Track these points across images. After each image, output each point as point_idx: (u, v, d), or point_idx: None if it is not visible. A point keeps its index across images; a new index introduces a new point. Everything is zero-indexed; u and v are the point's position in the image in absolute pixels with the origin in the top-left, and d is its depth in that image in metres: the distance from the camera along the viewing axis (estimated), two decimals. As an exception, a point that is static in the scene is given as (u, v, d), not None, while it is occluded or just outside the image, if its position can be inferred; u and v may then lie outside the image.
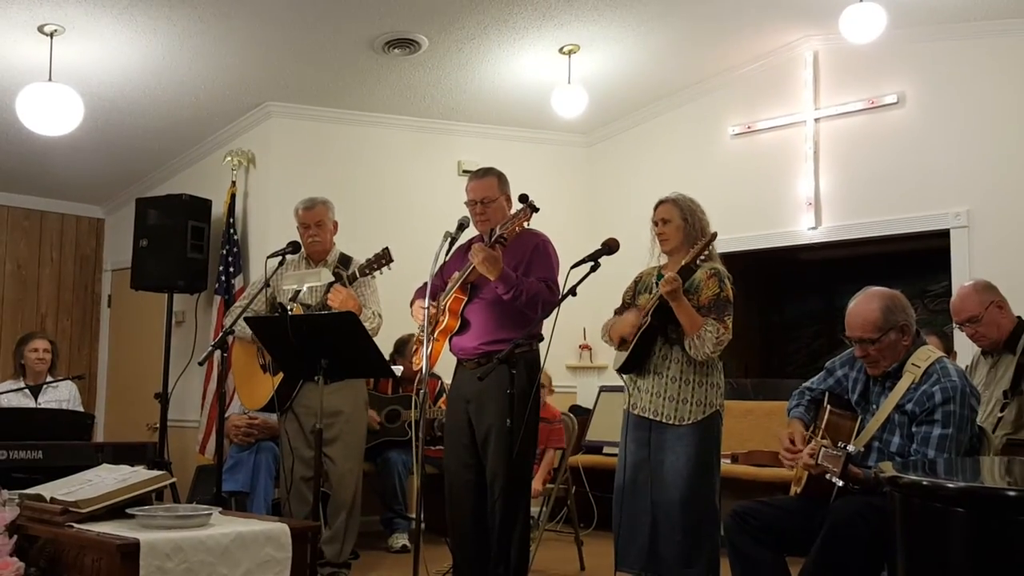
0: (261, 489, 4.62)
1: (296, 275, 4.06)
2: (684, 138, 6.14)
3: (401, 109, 6.07)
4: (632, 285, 3.68)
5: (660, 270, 3.59)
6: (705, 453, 3.37)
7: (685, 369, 3.40)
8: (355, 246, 4.46)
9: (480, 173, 3.75)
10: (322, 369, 3.41)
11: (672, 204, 3.52)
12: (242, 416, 4.77)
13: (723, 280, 3.40)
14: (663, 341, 3.44)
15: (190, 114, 5.86)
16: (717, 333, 3.29)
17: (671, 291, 3.25)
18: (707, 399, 3.39)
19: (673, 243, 3.50)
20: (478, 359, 3.60)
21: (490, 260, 3.43)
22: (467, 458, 3.62)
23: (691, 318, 3.30)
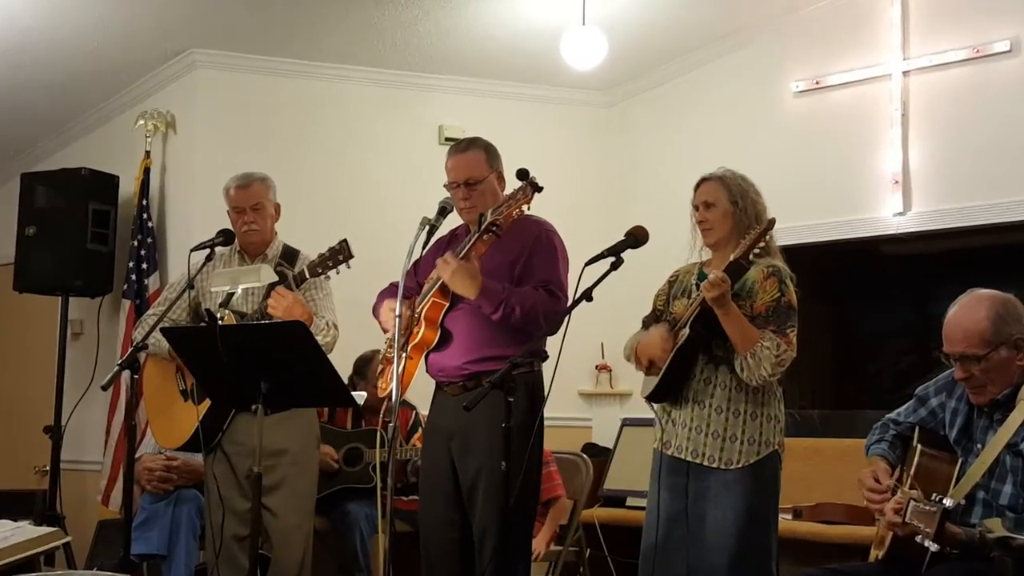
0: (181, 551, 4.60)
1: (228, 273, 4.06)
2: (732, 97, 6.13)
3: (364, 59, 6.06)
4: (665, 287, 3.68)
5: (702, 268, 3.58)
6: (759, 506, 3.36)
7: (734, 396, 3.39)
8: (303, 237, 4.46)
9: (462, 145, 3.75)
10: (262, 396, 3.40)
11: (718, 183, 3.51)
12: (157, 457, 4.76)
13: (785, 281, 3.40)
14: (705, 360, 3.44)
15: (90, 65, 5.84)
16: (777, 350, 3.28)
17: (717, 296, 3.25)
18: (762, 436, 3.39)
19: (719, 233, 3.50)
20: (463, 382, 3.60)
21: (461, 272, 3.44)
22: (449, 512, 3.62)
23: (743, 330, 3.30)
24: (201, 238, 4.13)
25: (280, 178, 4.39)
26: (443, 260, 3.50)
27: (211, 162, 5.73)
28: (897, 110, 5.48)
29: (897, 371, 6.32)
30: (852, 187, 5.64)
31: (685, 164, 5.50)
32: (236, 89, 5.98)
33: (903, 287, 6.37)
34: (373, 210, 6.04)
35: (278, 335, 3.46)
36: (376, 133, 6.22)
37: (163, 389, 4.27)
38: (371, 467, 5.13)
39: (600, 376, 6.53)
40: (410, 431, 5.30)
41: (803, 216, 5.67)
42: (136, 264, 5.92)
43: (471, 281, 3.44)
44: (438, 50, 5.98)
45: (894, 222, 5.50)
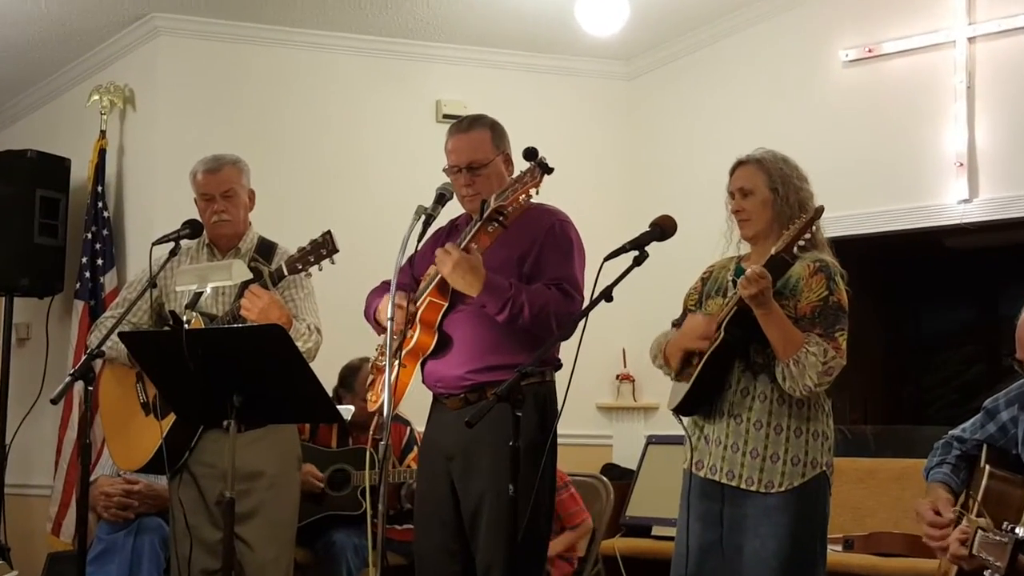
0: (143, 588, 4.61)
1: (195, 271, 4.06)
2: (772, 68, 6.13)
3: (351, 25, 6.06)
4: (698, 285, 3.68)
5: (739, 263, 3.58)
6: (804, 535, 3.35)
7: (775, 410, 3.39)
8: (282, 229, 4.46)
9: (464, 124, 3.75)
10: (234, 410, 3.40)
11: (755, 167, 3.51)
12: (115, 480, 4.77)
13: (834, 278, 3.39)
14: (742, 367, 3.44)
15: (36, 32, 5.85)
16: (824, 356, 3.28)
17: (756, 293, 3.24)
18: (808, 455, 3.38)
19: (757, 225, 3.50)
20: (465, 395, 3.60)
21: (464, 265, 3.44)
22: (448, 542, 3.62)
23: (785, 334, 3.30)
24: (164, 230, 4.13)
25: (255, 161, 4.39)
26: (443, 251, 3.50)
27: (175, 143, 5.74)
28: (962, 82, 5.47)
29: (962, 381, 6.32)
30: (909, 171, 5.63)
31: (718, 145, 5.50)
32: (203, 59, 5.98)
33: (968, 285, 6.37)
34: (361, 198, 6.05)
35: (253, 340, 3.45)
36: (364, 110, 6.23)
37: (121, 402, 4.26)
38: (360, 491, 5.13)
39: (622, 387, 6.53)
40: (404, 450, 5.30)
41: (853, 204, 5.66)
42: (90, 260, 5.92)
43: (473, 276, 3.44)
44: (435, 14, 5.98)
45: (958, 210, 5.49)
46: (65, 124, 6.30)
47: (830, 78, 5.92)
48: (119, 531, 4.71)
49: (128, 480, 4.72)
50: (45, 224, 5.84)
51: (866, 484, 5.38)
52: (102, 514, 4.75)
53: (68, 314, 6.03)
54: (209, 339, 3.48)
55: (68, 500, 5.71)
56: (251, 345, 3.43)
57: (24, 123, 6.61)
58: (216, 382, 3.42)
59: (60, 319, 6.09)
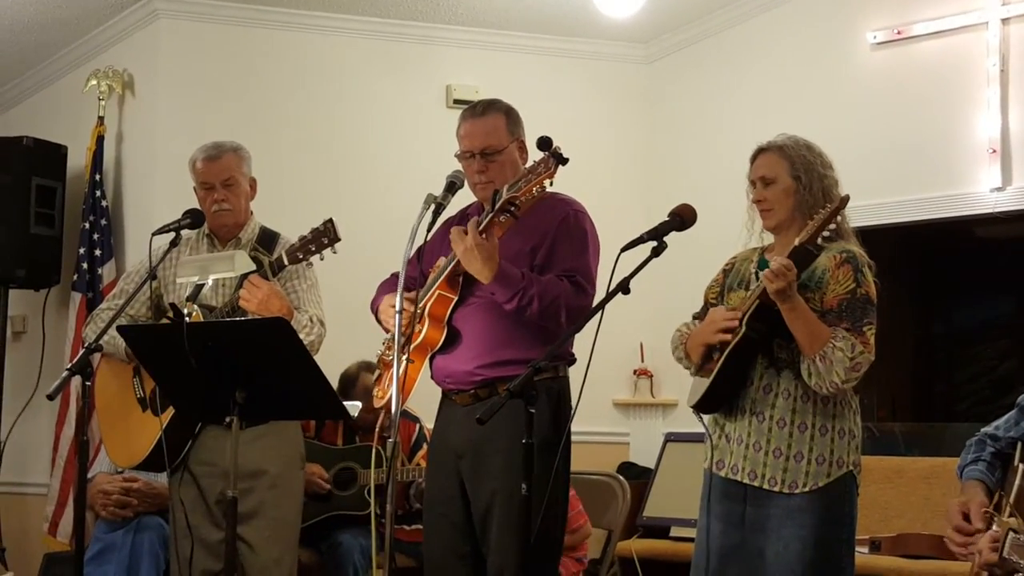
0: (143, 589, 4.63)
1: (196, 262, 4.06)
2: (796, 50, 6.11)
3: (358, 6, 6.06)
4: (720, 277, 3.67)
5: (763, 255, 3.58)
6: (829, 537, 3.35)
7: (800, 407, 3.39)
8: (285, 218, 4.46)
9: (478, 109, 3.75)
10: (237, 406, 3.40)
11: (777, 154, 3.50)
12: (114, 478, 4.77)
13: (861, 269, 3.38)
14: (766, 364, 3.43)
15: (32, 16, 5.85)
16: (852, 352, 3.27)
17: (781, 287, 3.23)
18: (834, 454, 3.38)
19: (780, 215, 3.49)
20: (475, 391, 3.60)
21: (477, 252, 3.43)
22: (459, 543, 3.63)
23: (811, 328, 3.29)
24: (164, 219, 4.13)
25: (258, 148, 4.39)
26: (458, 232, 3.49)
27: (176, 129, 5.74)
28: (995, 65, 5.44)
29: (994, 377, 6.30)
30: (940, 157, 5.61)
31: (740, 131, 5.47)
32: (204, 43, 5.98)
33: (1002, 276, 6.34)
34: (369, 186, 6.04)
35: (256, 334, 3.45)
36: (372, 95, 6.22)
37: (118, 398, 4.27)
38: (366, 491, 5.13)
39: (639, 383, 6.52)
40: (413, 448, 5.30)
41: (881, 193, 5.65)
42: (88, 250, 5.92)
43: (487, 261, 3.44)
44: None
45: (991, 199, 5.47)
46: (62, 110, 6.31)
47: (857, 61, 5.89)
48: (117, 530, 4.71)
49: (127, 478, 4.73)
50: (41, 213, 5.84)
51: (894, 483, 5.37)
52: (100, 513, 4.76)
53: (65, 306, 6.03)
54: (211, 332, 3.49)
55: (65, 499, 5.71)
56: (254, 338, 3.43)
57: (20, 109, 6.61)
58: (218, 377, 3.42)
59: (57, 311, 6.10)
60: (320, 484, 5.09)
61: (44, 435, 5.97)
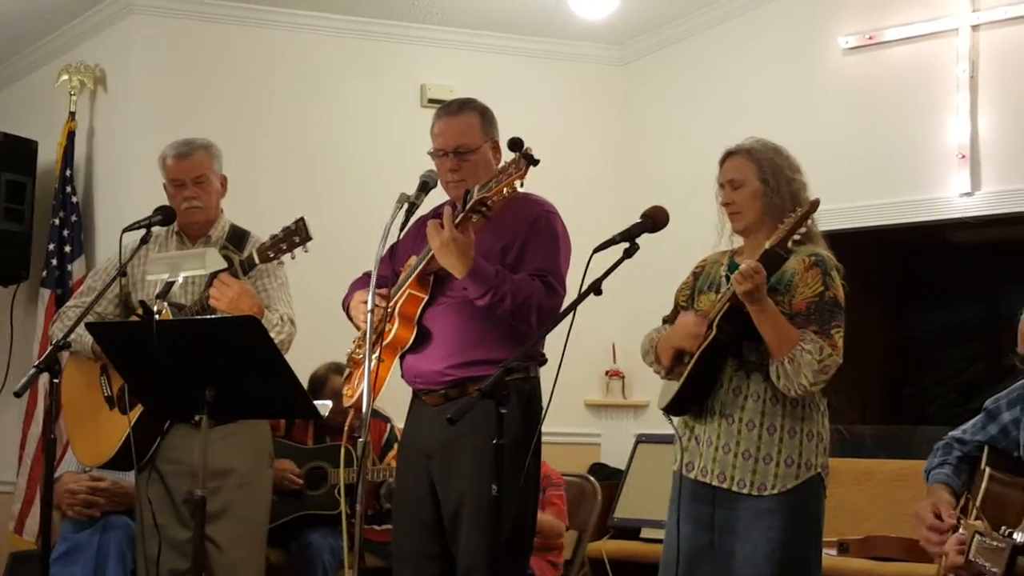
0: (110, 589, 4.60)
1: (166, 259, 4.04)
2: (770, 53, 6.13)
3: (333, 5, 6.05)
4: (690, 280, 3.68)
5: (733, 257, 3.59)
6: (798, 539, 3.36)
7: (769, 410, 3.40)
8: (257, 216, 4.45)
9: (453, 107, 3.75)
10: (206, 404, 3.39)
11: (746, 157, 3.52)
12: (80, 477, 4.75)
13: (830, 272, 3.40)
14: (735, 366, 3.44)
15: (5, 9, 5.82)
16: (820, 354, 3.29)
17: (750, 289, 3.24)
18: (802, 456, 3.39)
19: (748, 217, 3.50)
20: (445, 391, 3.59)
21: (453, 247, 3.42)
22: (428, 544, 3.62)
23: (780, 331, 3.30)
24: (135, 216, 4.11)
25: (230, 146, 4.38)
26: (435, 225, 3.46)
27: (148, 126, 5.72)
28: (964, 71, 5.47)
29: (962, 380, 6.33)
30: (910, 162, 5.64)
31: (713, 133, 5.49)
32: (178, 39, 5.96)
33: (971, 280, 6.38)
34: (342, 185, 6.03)
35: (226, 332, 3.44)
36: (346, 93, 6.21)
37: (85, 396, 4.25)
38: (336, 490, 5.12)
39: (611, 384, 6.53)
40: (384, 448, 5.30)
41: (851, 197, 5.68)
42: (58, 247, 5.90)
43: (462, 256, 3.42)
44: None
45: (960, 204, 5.50)
46: (33, 105, 6.28)
47: (829, 66, 5.92)
48: (84, 530, 4.68)
49: (94, 477, 4.71)
50: (10, 209, 5.82)
51: (863, 486, 5.40)
52: (67, 512, 4.73)
53: (34, 303, 6.01)
54: (180, 330, 3.47)
55: (32, 497, 5.69)
56: (224, 337, 3.41)
57: (-10, 104, 6.59)
58: (187, 375, 3.40)
59: (25, 308, 6.07)
60: (292, 479, 5.08)
61: (11, 433, 5.94)
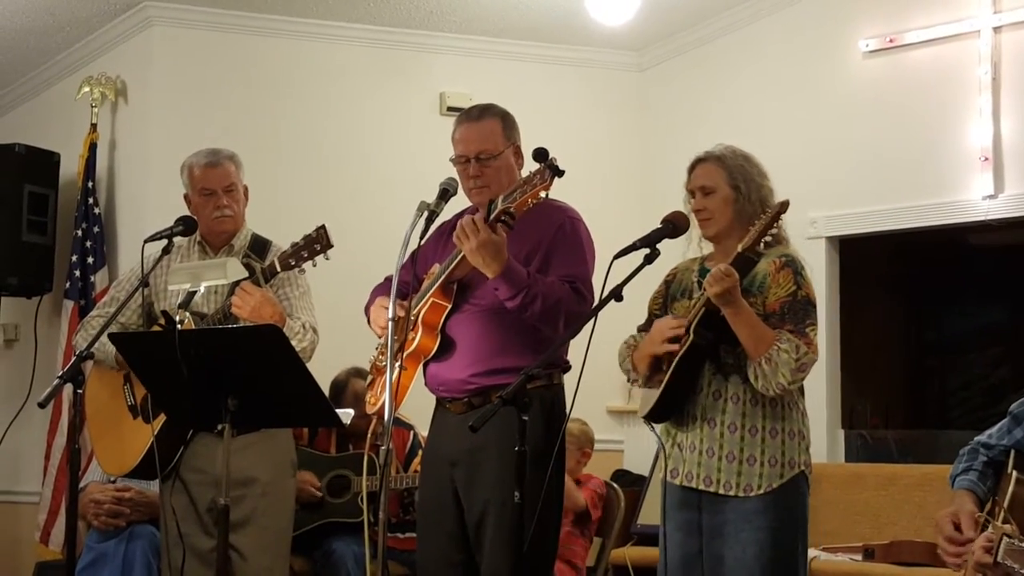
0: (136, 598, 4.61)
1: (188, 269, 4.06)
2: (790, 58, 6.11)
3: (352, 14, 6.05)
4: (662, 288, 3.70)
5: (704, 263, 3.61)
6: (786, 537, 3.39)
7: (749, 411, 3.42)
8: (279, 226, 4.45)
9: (474, 113, 3.75)
10: (229, 413, 3.39)
11: (716, 164, 3.55)
12: (105, 487, 4.76)
13: (800, 272, 3.44)
14: (713, 370, 3.45)
15: (25, 22, 5.84)
16: (796, 352, 3.30)
17: (723, 291, 3.26)
18: (785, 455, 3.42)
19: (720, 223, 3.53)
20: (469, 399, 3.59)
21: (486, 248, 3.41)
22: (452, 552, 3.61)
23: (756, 332, 3.33)
24: (157, 227, 4.11)
25: (250, 156, 4.38)
26: (465, 226, 3.42)
27: (169, 137, 5.73)
28: (987, 73, 5.45)
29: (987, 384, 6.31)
30: (932, 165, 5.61)
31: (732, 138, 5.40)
32: (198, 50, 5.97)
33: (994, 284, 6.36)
34: (362, 194, 6.04)
35: (248, 341, 3.45)
36: (365, 103, 6.22)
37: (109, 405, 4.25)
38: (360, 498, 5.12)
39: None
40: (409, 455, 5.29)
41: (873, 200, 5.64)
42: (80, 258, 5.92)
43: (495, 256, 3.40)
44: (439, 3, 5.97)
45: (983, 206, 5.47)
46: (54, 117, 6.29)
47: (849, 69, 5.90)
48: (110, 540, 4.70)
49: (119, 487, 4.72)
50: (33, 221, 5.83)
51: (887, 491, 5.37)
52: (92, 522, 4.75)
53: (57, 314, 6.02)
54: (203, 340, 3.48)
55: (57, 507, 5.70)
56: (246, 346, 3.43)
57: (12, 116, 6.60)
58: (210, 384, 3.41)
59: (49, 319, 6.09)
60: (312, 492, 5.08)
61: (36, 443, 5.95)
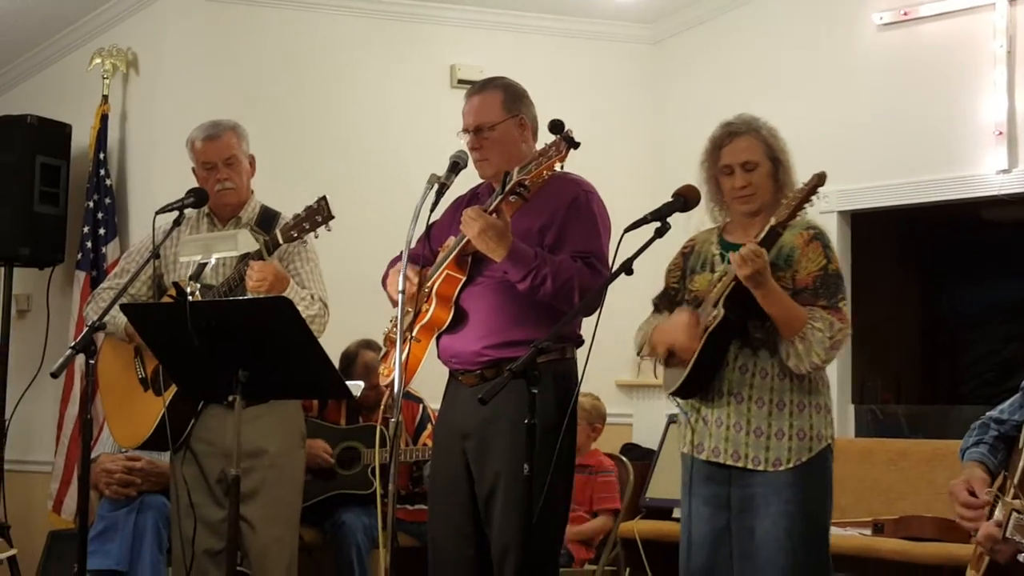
0: (146, 567, 4.63)
1: (199, 241, 4.05)
2: (803, 31, 6.09)
3: (363, -14, 6.06)
4: (679, 260, 3.67)
5: (723, 235, 3.58)
6: (815, 510, 3.40)
7: (777, 385, 3.41)
8: (288, 197, 4.44)
9: (477, 86, 3.76)
10: (239, 385, 3.40)
11: (754, 137, 3.50)
12: (117, 457, 4.78)
13: (828, 245, 3.43)
14: (740, 344, 3.44)
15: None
16: (831, 330, 3.30)
17: (752, 272, 3.23)
18: (812, 429, 3.41)
19: (762, 198, 3.49)
20: (481, 371, 3.60)
21: (489, 232, 3.42)
22: (463, 524, 3.62)
23: (787, 311, 3.31)
24: (168, 198, 4.11)
25: (261, 128, 4.39)
26: (468, 215, 3.47)
27: (180, 108, 5.72)
28: (1002, 46, 5.42)
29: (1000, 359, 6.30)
30: (946, 139, 5.59)
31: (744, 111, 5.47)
32: (209, 22, 5.96)
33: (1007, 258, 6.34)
34: (373, 166, 6.03)
35: (260, 313, 3.45)
36: (376, 74, 6.20)
37: (121, 378, 4.27)
38: (370, 470, 5.14)
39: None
40: (418, 428, 5.31)
41: (886, 175, 5.63)
42: (92, 229, 5.93)
43: (500, 240, 3.42)
44: (450, -25, 5.97)
45: (996, 181, 5.45)
46: (66, 88, 6.29)
47: (863, 42, 5.87)
48: (121, 509, 4.73)
49: (130, 457, 4.74)
50: (45, 192, 5.84)
51: (897, 466, 5.37)
52: (104, 491, 4.78)
53: (69, 285, 6.04)
54: (213, 311, 3.48)
55: (69, 477, 5.74)
56: (257, 317, 3.43)
57: (24, 87, 6.60)
58: (220, 356, 3.42)
59: (61, 290, 6.10)
60: (325, 459, 5.10)
61: (48, 413, 5.98)
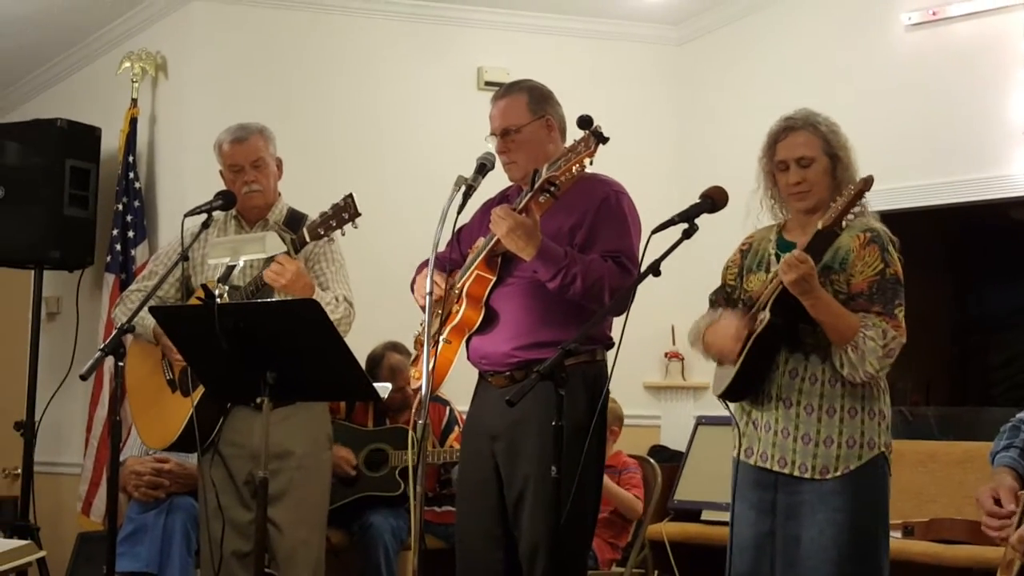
0: (175, 569, 4.65)
1: (228, 243, 4.07)
2: (830, 31, 6.07)
3: (390, -12, 6.07)
4: (737, 258, 3.63)
5: (780, 232, 3.54)
6: (865, 520, 3.33)
7: (828, 391, 3.36)
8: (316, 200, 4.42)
9: (503, 90, 3.77)
10: (267, 387, 3.41)
11: (811, 132, 3.44)
12: (145, 459, 4.80)
13: (887, 248, 3.34)
14: (790, 348, 3.39)
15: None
16: (884, 338, 3.24)
17: (797, 278, 3.18)
18: (865, 436, 3.35)
19: (818, 196, 3.42)
20: (511, 372, 3.60)
21: (520, 231, 3.42)
22: (492, 526, 3.62)
23: (837, 320, 3.25)
24: (197, 201, 4.13)
25: (289, 131, 4.40)
26: (497, 214, 3.47)
27: (209, 112, 5.74)
28: (1031, 46, 5.40)
29: (1032, 361, 6.26)
30: (974, 139, 5.57)
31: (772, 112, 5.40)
32: (238, 25, 5.98)
33: (1038, 260, 6.29)
34: (400, 168, 6.04)
35: (288, 315, 3.46)
36: (403, 77, 6.21)
37: (149, 380, 4.28)
38: (398, 472, 5.15)
39: (670, 365, 6.50)
40: (445, 431, 5.31)
41: (915, 175, 5.62)
42: (121, 232, 5.95)
43: (529, 239, 3.42)
44: (477, -23, 5.97)
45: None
46: (95, 92, 6.32)
47: (891, 43, 5.85)
48: (150, 511, 4.75)
49: (158, 459, 4.76)
50: (75, 195, 5.85)
51: (927, 468, 5.35)
52: (132, 493, 4.80)
53: (99, 288, 6.06)
54: (241, 313, 3.49)
55: (98, 479, 5.75)
56: (285, 320, 3.43)
57: (53, 91, 6.64)
58: (248, 358, 3.42)
59: (91, 293, 6.12)
60: (346, 469, 5.09)
61: (78, 415, 6.01)
